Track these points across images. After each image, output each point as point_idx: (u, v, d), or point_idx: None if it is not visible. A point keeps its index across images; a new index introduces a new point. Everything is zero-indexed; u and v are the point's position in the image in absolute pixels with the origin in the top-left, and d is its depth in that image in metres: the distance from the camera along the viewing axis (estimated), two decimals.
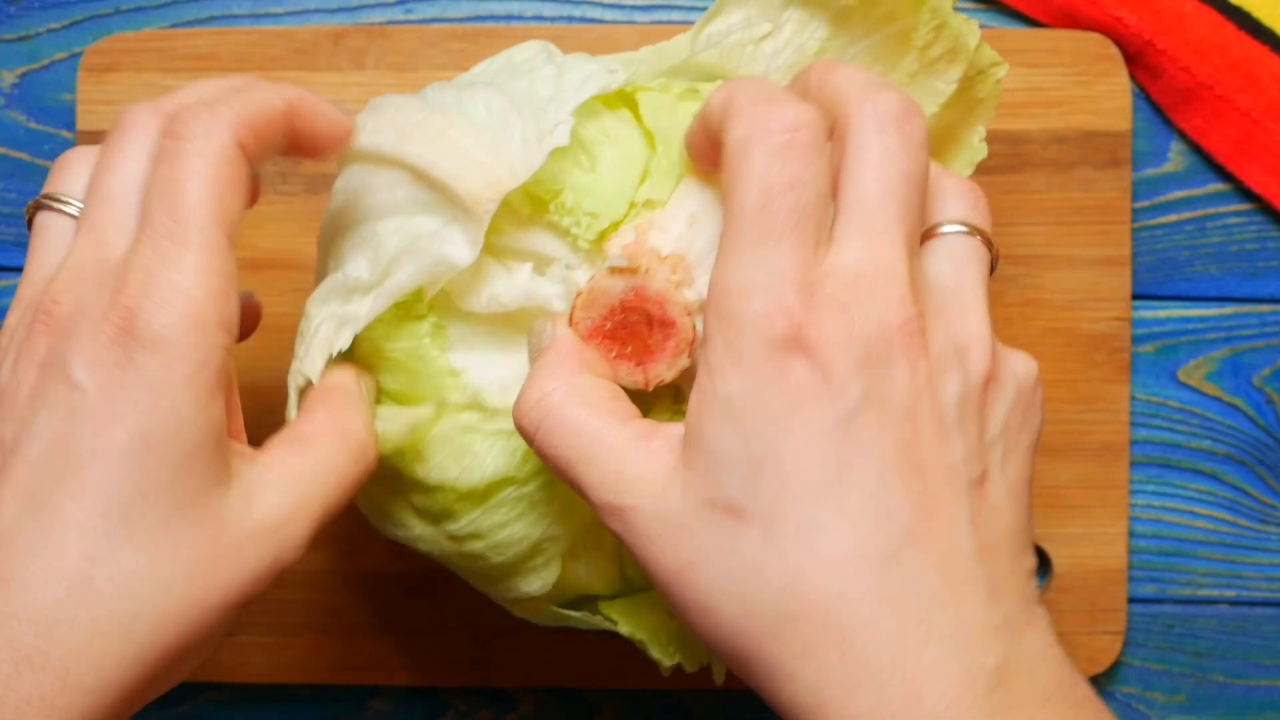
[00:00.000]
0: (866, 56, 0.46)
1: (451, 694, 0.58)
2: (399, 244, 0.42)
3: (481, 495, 0.43)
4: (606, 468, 0.38)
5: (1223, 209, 0.58)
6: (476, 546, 0.44)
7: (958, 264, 0.39)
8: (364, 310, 0.42)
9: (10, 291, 0.58)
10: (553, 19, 0.58)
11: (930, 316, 0.37)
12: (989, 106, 0.47)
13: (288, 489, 0.39)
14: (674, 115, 0.43)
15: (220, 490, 0.37)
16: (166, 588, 0.36)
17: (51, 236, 0.41)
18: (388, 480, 0.44)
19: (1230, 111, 0.57)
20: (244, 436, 0.41)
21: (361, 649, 0.56)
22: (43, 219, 0.41)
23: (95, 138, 0.56)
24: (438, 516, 0.44)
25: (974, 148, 0.47)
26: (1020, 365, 0.39)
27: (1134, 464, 0.57)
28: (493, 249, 0.43)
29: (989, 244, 0.40)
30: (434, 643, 0.56)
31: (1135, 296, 0.57)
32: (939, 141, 0.47)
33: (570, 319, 0.41)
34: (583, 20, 0.58)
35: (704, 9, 0.57)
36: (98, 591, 0.36)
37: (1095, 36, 0.56)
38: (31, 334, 0.38)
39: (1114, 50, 0.56)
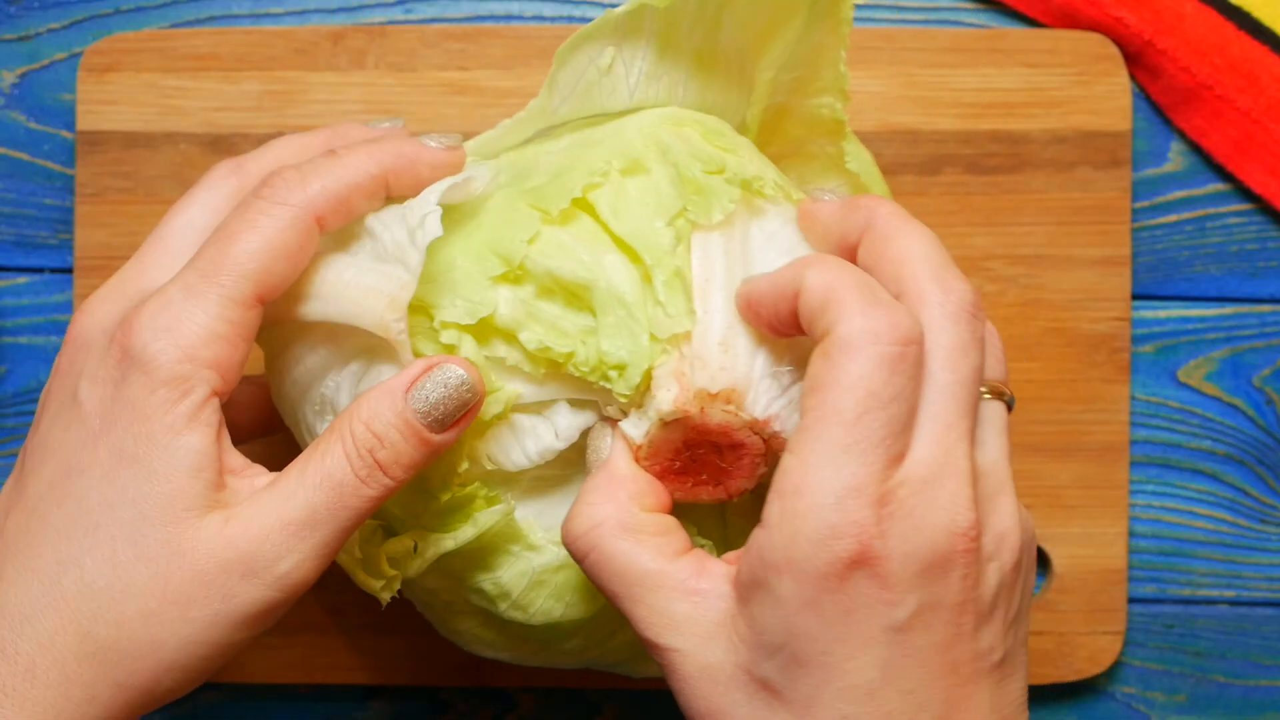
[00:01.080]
0: None
1: (451, 694, 0.58)
2: (347, 398, 0.42)
3: (593, 622, 0.44)
4: (653, 606, 0.38)
5: (1223, 209, 0.58)
6: (588, 654, 0.46)
7: (994, 435, 0.39)
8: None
9: (10, 291, 0.58)
10: (553, 19, 0.58)
11: (979, 504, 0.37)
12: (848, 25, 0.44)
13: (268, 512, 0.39)
14: (631, 204, 0.41)
15: (194, 513, 0.38)
16: (125, 596, 0.38)
17: None
18: (480, 616, 0.45)
19: (1230, 111, 0.57)
20: (246, 469, 0.40)
21: (361, 649, 0.56)
22: None
23: (95, 138, 0.56)
24: (546, 644, 0.45)
25: (841, 74, 0.45)
26: (1028, 526, 0.40)
27: (1134, 464, 0.57)
28: (517, 410, 0.42)
29: (1005, 393, 0.41)
30: (434, 643, 0.56)
31: (1135, 296, 0.57)
32: (808, 66, 0.45)
33: (635, 456, 0.40)
34: (583, 20, 0.58)
35: None
36: (62, 593, 0.38)
37: (1095, 36, 0.56)
38: (62, 352, 0.42)
39: (1114, 50, 0.56)
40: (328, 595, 0.56)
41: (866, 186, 0.47)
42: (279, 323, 0.43)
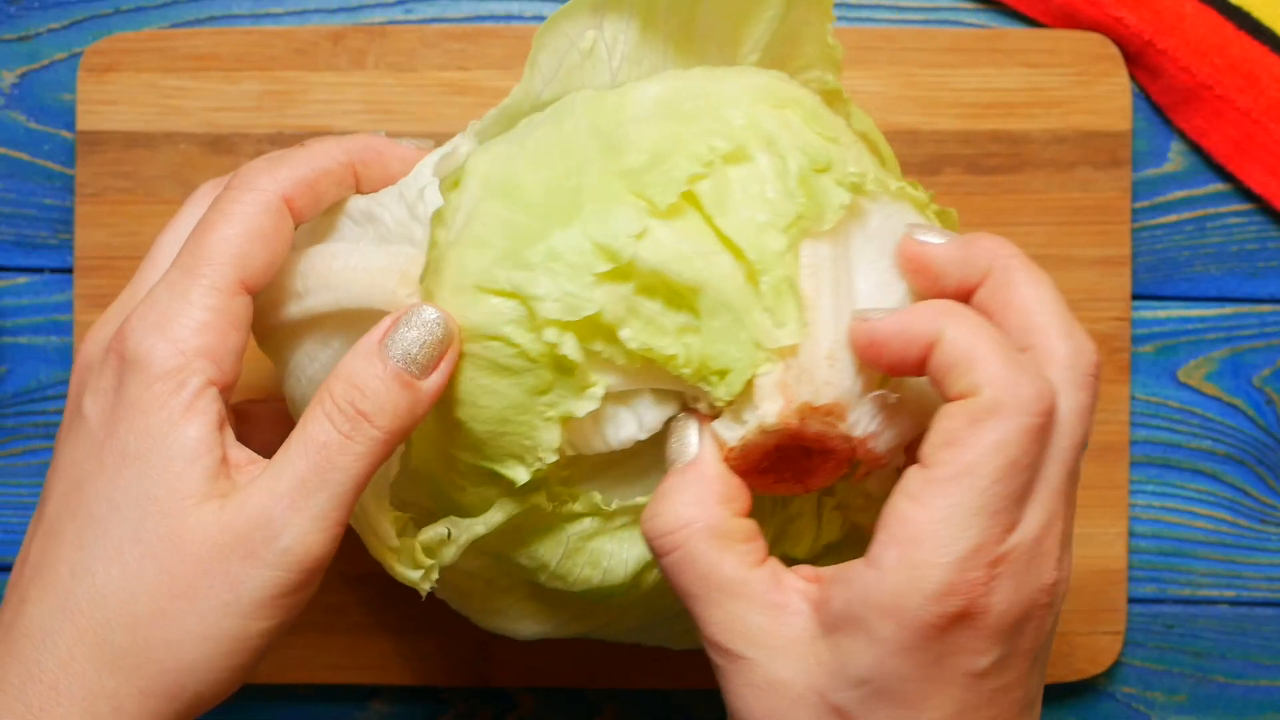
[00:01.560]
0: None
1: (451, 694, 0.58)
2: None
3: (633, 586, 0.43)
4: (731, 613, 0.38)
5: (1223, 209, 0.58)
6: (630, 620, 0.46)
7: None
8: None
9: (10, 291, 0.58)
10: None
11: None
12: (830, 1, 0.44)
13: (261, 490, 0.38)
14: (736, 198, 0.39)
15: (192, 500, 0.38)
16: (136, 597, 0.38)
17: None
18: (525, 589, 0.45)
19: (1230, 111, 0.57)
20: (251, 462, 0.40)
21: (361, 649, 0.56)
22: None
23: (95, 138, 0.56)
24: (589, 612, 0.45)
25: (830, 45, 0.45)
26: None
27: (1134, 464, 0.57)
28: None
29: None
30: (434, 643, 0.56)
31: (1135, 296, 0.57)
32: (791, 44, 0.45)
33: (725, 456, 0.40)
34: None
35: None
36: (76, 604, 0.38)
37: (1095, 36, 0.56)
38: (70, 379, 0.42)
39: (1114, 50, 0.56)
40: (328, 595, 0.56)
41: (876, 143, 0.46)
42: (287, 325, 0.43)
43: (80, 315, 0.56)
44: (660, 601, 0.44)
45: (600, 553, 0.43)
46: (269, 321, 0.44)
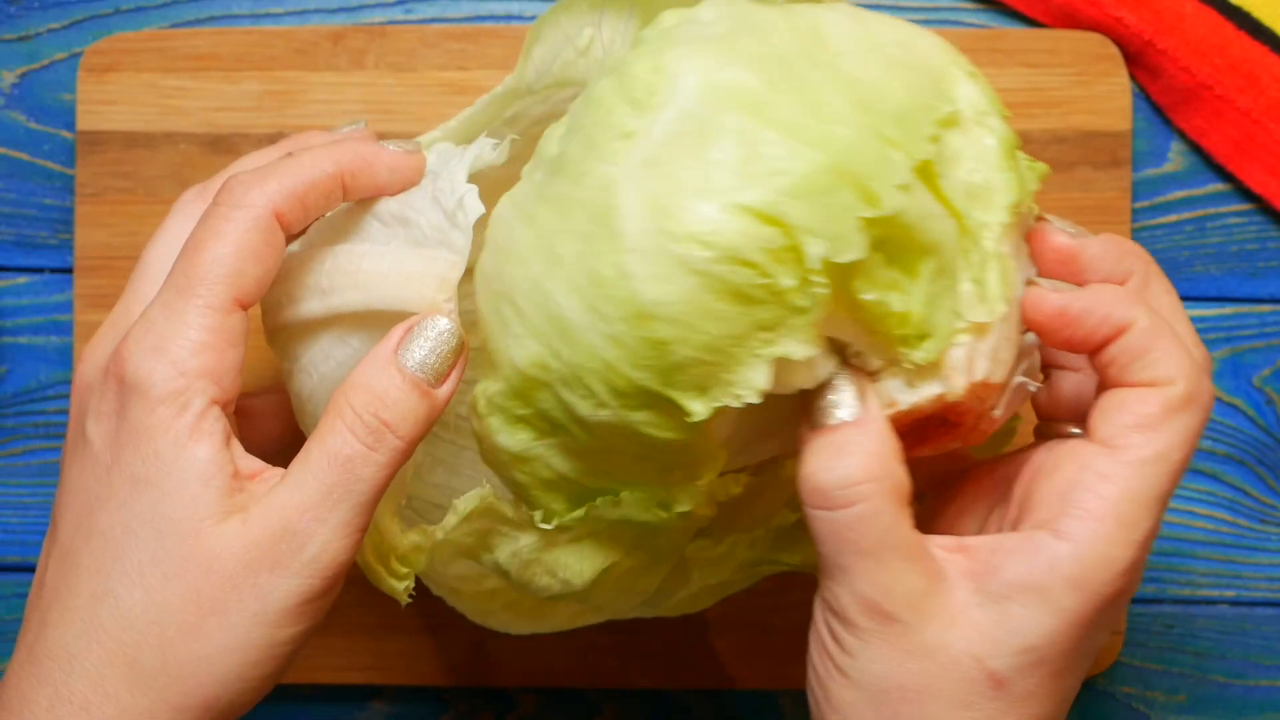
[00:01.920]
0: None
1: (451, 694, 0.58)
2: None
3: (596, 587, 0.43)
4: (898, 575, 0.38)
5: (1223, 209, 0.58)
6: (608, 609, 0.46)
7: None
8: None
9: (10, 291, 0.58)
10: None
11: None
12: None
13: (284, 503, 0.39)
14: (956, 167, 0.39)
15: (211, 520, 0.38)
16: (162, 617, 0.38)
17: None
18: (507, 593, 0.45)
19: (1230, 111, 0.57)
20: (261, 472, 0.40)
21: (361, 649, 0.56)
22: None
23: (95, 138, 0.56)
24: (569, 606, 0.45)
25: None
26: None
27: None
28: None
29: None
30: (434, 643, 0.56)
31: None
32: None
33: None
34: None
35: None
36: (102, 626, 0.38)
37: (1095, 36, 0.56)
38: (71, 400, 0.43)
39: (1114, 50, 0.56)
40: None
41: None
42: (305, 321, 0.43)
43: (80, 315, 0.56)
44: (639, 583, 0.44)
45: (556, 564, 0.43)
46: (284, 317, 0.44)
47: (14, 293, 0.58)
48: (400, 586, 0.43)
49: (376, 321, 0.42)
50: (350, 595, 0.56)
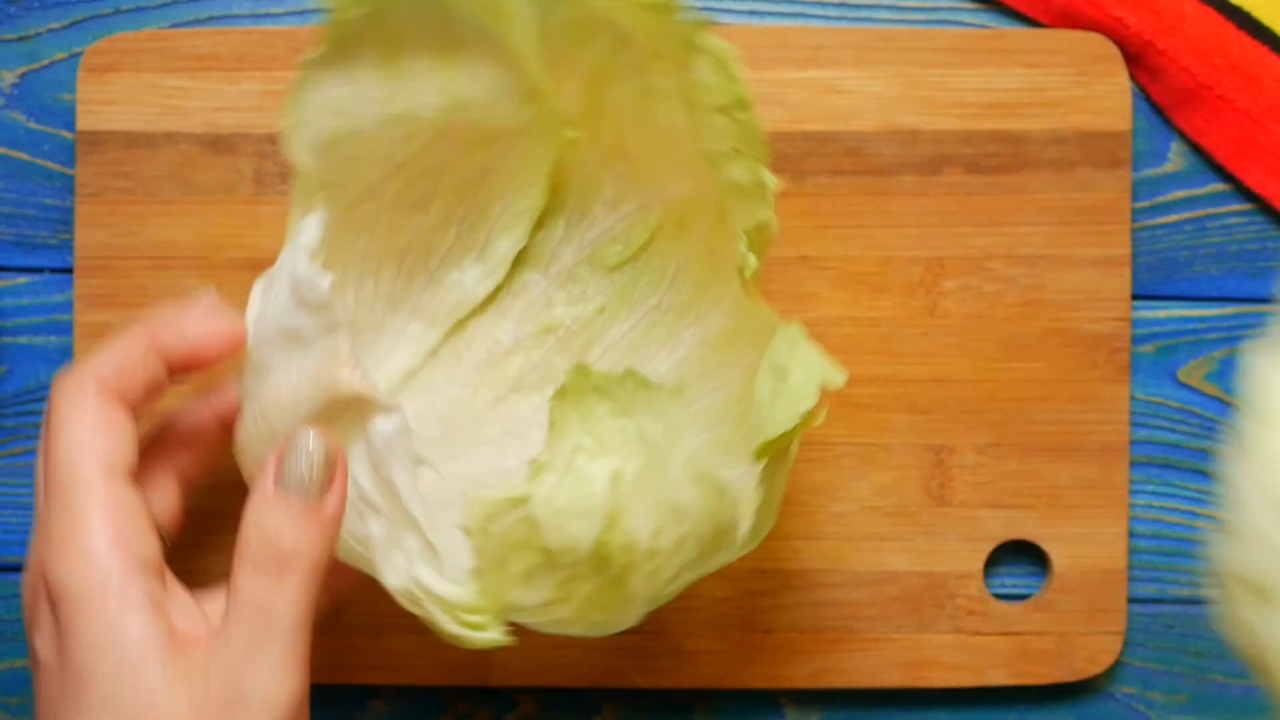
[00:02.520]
0: None
1: (451, 694, 0.58)
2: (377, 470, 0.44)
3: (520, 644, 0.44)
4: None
5: (1223, 209, 0.58)
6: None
7: None
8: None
9: (10, 291, 0.58)
10: None
11: None
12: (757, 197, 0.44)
13: (221, 663, 0.41)
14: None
15: (162, 695, 0.40)
16: None
17: None
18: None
19: (1230, 111, 0.57)
20: (194, 622, 0.42)
21: (361, 649, 0.56)
22: None
23: (95, 138, 0.56)
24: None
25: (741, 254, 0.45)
26: None
27: (1134, 464, 0.57)
28: None
29: None
30: (434, 643, 0.56)
31: (1135, 296, 0.57)
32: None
33: None
34: None
35: (706, 9, 0.57)
36: None
37: (1095, 36, 0.56)
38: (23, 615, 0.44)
39: (1114, 50, 0.56)
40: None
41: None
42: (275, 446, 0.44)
43: (80, 315, 0.56)
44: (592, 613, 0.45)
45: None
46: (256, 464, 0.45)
47: (14, 293, 0.58)
48: (490, 636, 0.44)
49: (329, 417, 0.43)
50: (350, 595, 0.56)
